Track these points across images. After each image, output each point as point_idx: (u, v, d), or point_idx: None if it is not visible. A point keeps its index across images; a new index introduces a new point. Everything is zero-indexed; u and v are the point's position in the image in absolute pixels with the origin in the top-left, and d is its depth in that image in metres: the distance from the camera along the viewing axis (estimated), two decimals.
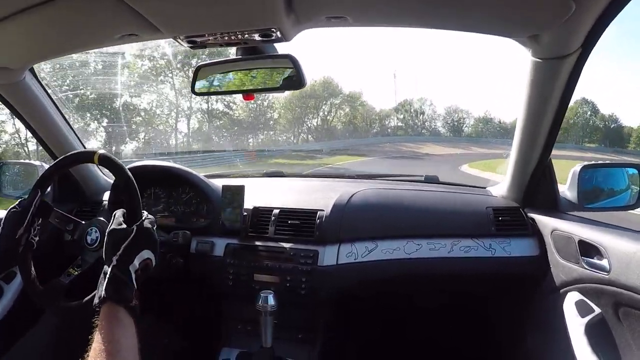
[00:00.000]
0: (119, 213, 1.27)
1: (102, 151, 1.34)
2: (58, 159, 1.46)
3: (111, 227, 1.22)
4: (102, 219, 1.56)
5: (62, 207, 2.10)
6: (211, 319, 2.00)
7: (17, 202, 1.41)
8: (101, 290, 1.07)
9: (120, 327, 1.03)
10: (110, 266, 1.11)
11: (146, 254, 1.19)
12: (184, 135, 44.16)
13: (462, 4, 1.06)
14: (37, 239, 1.41)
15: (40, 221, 1.41)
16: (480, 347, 2.23)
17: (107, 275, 1.09)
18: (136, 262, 1.15)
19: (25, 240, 1.38)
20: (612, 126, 78.66)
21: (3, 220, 1.38)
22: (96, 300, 1.07)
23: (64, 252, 1.92)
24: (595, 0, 0.99)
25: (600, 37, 1.16)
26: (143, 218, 1.25)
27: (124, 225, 1.21)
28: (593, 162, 1.75)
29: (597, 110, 78.98)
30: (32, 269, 1.43)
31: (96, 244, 1.49)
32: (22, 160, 2.35)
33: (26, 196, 1.42)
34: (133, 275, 1.13)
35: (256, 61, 1.34)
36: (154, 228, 1.28)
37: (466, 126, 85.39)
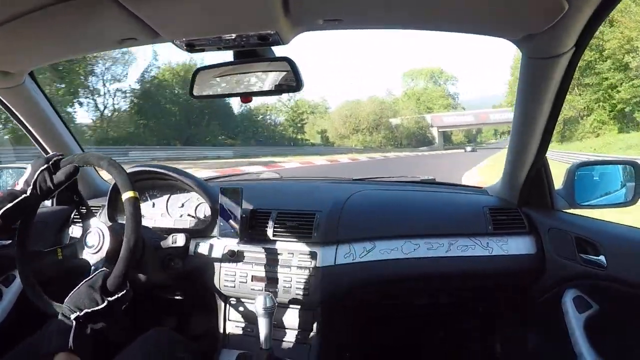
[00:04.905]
0: (102, 274, 1.30)
1: (136, 195, 1.37)
2: (101, 155, 1.48)
3: (87, 284, 1.26)
4: (103, 222, 1.57)
5: (59, 210, 2.11)
6: (210, 321, 2.01)
7: (50, 162, 1.42)
8: (66, 340, 1.13)
9: None
10: (68, 320, 1.16)
11: (100, 325, 1.22)
12: None
13: (456, 6, 1.06)
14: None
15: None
16: (480, 345, 2.24)
17: (73, 329, 1.15)
18: (88, 328, 1.19)
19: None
20: None
21: (35, 179, 1.38)
22: (54, 347, 1.12)
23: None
24: (587, 0, 1.00)
25: (593, 35, 1.17)
26: (119, 295, 1.28)
27: (99, 293, 1.24)
28: (588, 160, 1.76)
29: None
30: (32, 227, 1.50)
31: (91, 248, 1.49)
32: (17, 165, 2.35)
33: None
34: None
35: (254, 64, 1.35)
36: (125, 306, 1.32)
37: None
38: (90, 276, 1.30)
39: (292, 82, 1.31)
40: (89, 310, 1.19)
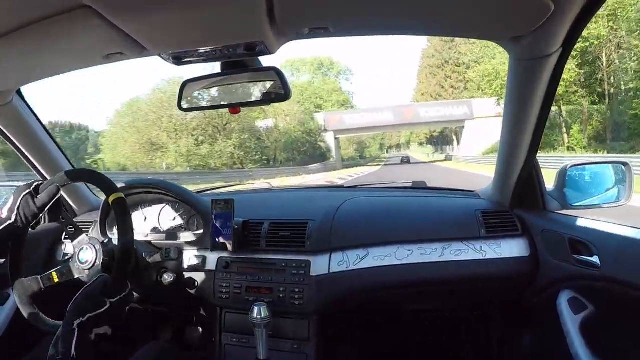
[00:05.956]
0: (102, 279, 1.32)
1: (122, 195, 1.39)
2: (83, 169, 1.48)
3: (88, 290, 1.27)
4: (95, 237, 1.57)
5: (52, 227, 2.11)
6: (205, 332, 2.00)
7: (31, 187, 1.44)
8: (69, 349, 1.12)
9: None
10: (72, 327, 1.16)
11: (104, 329, 1.23)
12: None
13: (443, 10, 1.07)
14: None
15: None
16: (476, 349, 2.23)
17: (75, 337, 1.14)
18: (93, 334, 1.19)
19: (30, 228, 1.44)
20: None
21: (18, 205, 1.40)
22: (56, 355, 1.11)
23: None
24: (573, 0, 1.00)
25: (580, 35, 1.18)
26: (121, 296, 1.30)
27: (101, 295, 1.26)
28: (580, 160, 1.76)
29: None
30: (23, 256, 1.50)
31: (85, 264, 1.49)
32: (7, 183, 2.35)
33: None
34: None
35: (241, 75, 1.35)
36: (128, 308, 1.34)
37: None
38: (90, 282, 1.31)
39: (280, 91, 1.31)
40: (92, 314, 1.20)
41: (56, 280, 1.50)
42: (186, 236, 1.97)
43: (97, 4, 0.92)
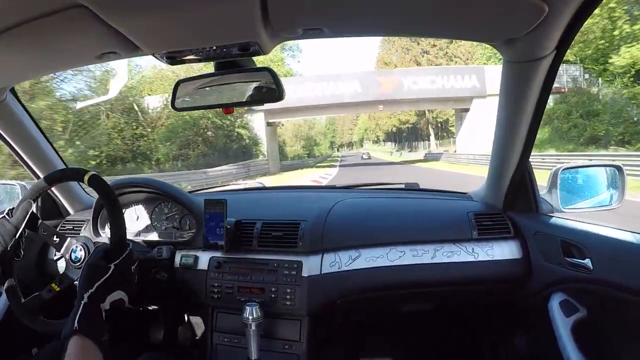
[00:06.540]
0: (100, 248, 1.33)
1: (93, 172, 1.39)
2: (50, 172, 1.48)
3: (89, 261, 1.28)
4: (87, 235, 1.57)
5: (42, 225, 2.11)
6: (197, 332, 1.99)
7: (5, 212, 1.44)
8: (73, 322, 1.12)
9: None
10: (82, 301, 1.16)
11: (118, 294, 1.24)
12: None
13: (436, 12, 1.07)
14: (22, 250, 1.47)
15: (26, 233, 1.45)
16: (467, 351, 2.24)
17: (80, 309, 1.14)
18: (107, 302, 1.20)
19: (14, 252, 1.43)
20: None
21: None
22: (67, 331, 1.11)
23: (47, 269, 1.94)
24: (567, 3, 1.01)
25: (573, 38, 1.19)
26: (123, 256, 1.30)
27: (103, 262, 1.26)
28: (573, 163, 1.77)
29: None
30: (16, 280, 1.46)
31: (80, 262, 1.49)
32: (6, 182, 2.34)
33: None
34: (103, 313, 1.20)
35: (235, 75, 1.35)
36: (134, 267, 1.35)
37: None
38: (89, 255, 1.32)
39: (273, 92, 1.32)
40: (100, 282, 1.21)
41: (57, 289, 1.51)
42: (178, 235, 1.97)
43: (91, 3, 0.92)
